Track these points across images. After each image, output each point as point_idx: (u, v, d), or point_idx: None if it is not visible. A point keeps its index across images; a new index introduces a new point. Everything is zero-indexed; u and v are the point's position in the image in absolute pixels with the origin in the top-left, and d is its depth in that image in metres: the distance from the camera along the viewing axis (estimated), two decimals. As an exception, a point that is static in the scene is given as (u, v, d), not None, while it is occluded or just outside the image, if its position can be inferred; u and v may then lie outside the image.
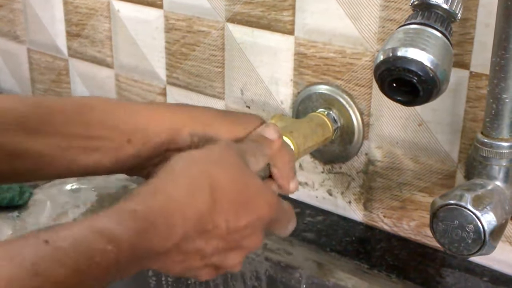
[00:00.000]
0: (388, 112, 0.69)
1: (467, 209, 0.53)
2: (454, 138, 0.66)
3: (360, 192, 0.74)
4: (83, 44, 0.98)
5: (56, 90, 1.05)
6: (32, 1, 1.03)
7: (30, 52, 1.07)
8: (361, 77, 0.70)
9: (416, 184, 0.70)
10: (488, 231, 0.53)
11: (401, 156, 0.70)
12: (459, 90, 0.64)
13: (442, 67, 0.44)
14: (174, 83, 0.87)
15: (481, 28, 0.61)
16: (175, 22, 0.84)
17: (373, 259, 0.69)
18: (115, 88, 0.95)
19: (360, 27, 0.68)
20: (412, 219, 0.71)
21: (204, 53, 0.82)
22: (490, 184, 0.57)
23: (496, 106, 0.55)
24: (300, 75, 0.74)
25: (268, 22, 0.75)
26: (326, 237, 0.73)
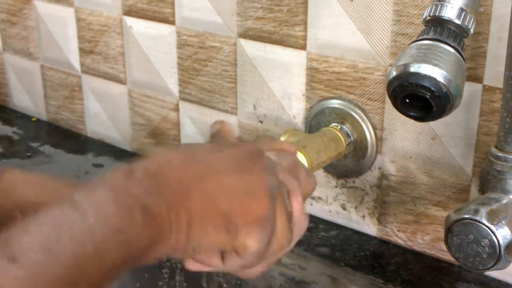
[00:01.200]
0: (401, 126, 0.69)
1: (482, 223, 0.53)
2: (468, 152, 0.66)
3: (374, 206, 0.74)
4: (96, 61, 0.98)
5: (70, 107, 1.05)
6: (45, 18, 1.04)
7: (43, 69, 1.08)
8: (374, 92, 0.70)
9: (430, 198, 0.69)
10: (504, 246, 0.52)
11: (415, 170, 0.70)
12: (472, 104, 0.64)
13: (455, 82, 0.44)
14: (187, 99, 0.88)
15: (493, 41, 0.61)
16: (187, 38, 0.85)
17: (387, 273, 0.69)
18: (128, 104, 0.96)
19: (372, 41, 0.68)
20: (427, 233, 0.71)
21: (216, 69, 0.83)
22: (504, 198, 0.56)
23: (510, 120, 0.55)
24: (312, 90, 0.74)
25: (280, 37, 0.75)
26: (340, 252, 0.72)
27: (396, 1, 0.65)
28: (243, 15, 0.78)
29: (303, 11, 0.72)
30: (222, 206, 0.42)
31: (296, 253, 0.72)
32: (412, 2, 0.65)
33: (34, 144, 1.02)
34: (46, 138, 1.05)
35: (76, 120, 1.06)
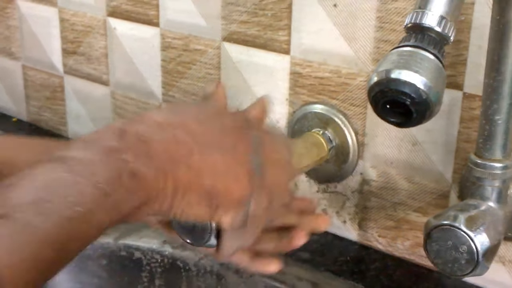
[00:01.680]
0: (383, 132, 0.69)
1: (461, 229, 0.53)
2: (448, 159, 0.66)
3: (355, 211, 0.74)
4: (78, 62, 0.98)
5: (51, 108, 1.05)
6: (28, 18, 1.03)
7: (25, 69, 1.07)
8: (356, 97, 0.70)
9: (410, 204, 0.70)
10: (481, 252, 0.53)
11: (396, 176, 0.70)
12: (453, 111, 0.64)
13: (435, 89, 0.45)
14: (170, 101, 0.88)
15: (474, 49, 0.62)
16: (171, 41, 0.85)
17: (367, 279, 0.69)
18: (111, 106, 0.96)
19: (355, 47, 0.69)
20: (407, 239, 0.71)
21: (200, 72, 0.83)
22: (483, 205, 0.57)
23: (489, 128, 0.56)
24: (295, 95, 0.75)
25: (264, 41, 0.75)
26: (320, 257, 0.73)
27: (379, 8, 0.66)
28: (228, 18, 0.78)
29: (287, 16, 0.73)
30: (206, 183, 0.44)
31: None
32: (394, 10, 0.65)
33: (15, 145, 1.01)
34: (27, 138, 1.04)
35: (57, 121, 1.05)
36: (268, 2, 0.74)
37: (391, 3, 0.65)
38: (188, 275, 0.72)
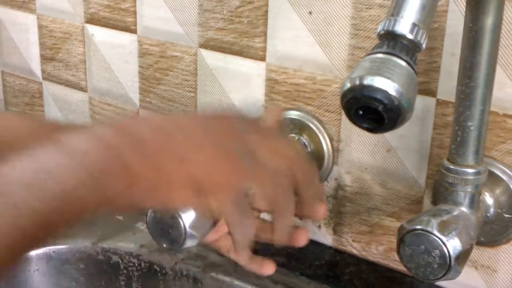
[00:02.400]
0: (357, 138, 0.70)
1: (433, 234, 0.54)
2: (421, 164, 0.67)
3: (330, 216, 0.75)
4: (57, 68, 0.98)
5: (30, 113, 1.05)
6: (6, 24, 1.03)
7: (4, 74, 1.07)
8: (331, 103, 0.71)
9: (384, 209, 0.71)
10: (454, 256, 0.54)
11: (370, 181, 0.71)
12: (426, 118, 0.65)
13: (407, 95, 0.45)
14: (147, 107, 0.88)
15: (447, 57, 0.63)
16: (148, 47, 0.85)
17: (342, 283, 0.69)
18: (88, 112, 0.96)
19: (330, 54, 0.69)
20: (381, 244, 0.72)
21: (177, 78, 0.83)
22: (456, 210, 0.58)
23: (461, 134, 0.57)
24: (271, 101, 0.75)
25: (240, 48, 0.76)
26: (296, 261, 0.73)
27: (353, 16, 0.67)
28: (204, 25, 0.78)
29: (263, 23, 0.73)
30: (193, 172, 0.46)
31: (253, 262, 0.72)
32: (369, 17, 0.66)
33: (-8, 150, 1.01)
34: (4, 144, 1.04)
35: (35, 127, 1.05)
36: (244, 10, 0.74)
37: (366, 11, 0.66)
38: (165, 279, 0.72)
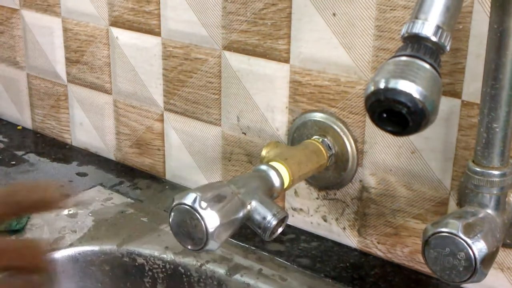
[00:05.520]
0: (382, 139, 0.70)
1: (459, 237, 0.54)
2: (446, 166, 0.67)
3: (355, 218, 0.75)
4: (82, 70, 0.99)
5: (55, 116, 1.06)
6: (32, 27, 1.04)
7: (29, 77, 1.08)
8: (355, 105, 0.71)
9: (409, 211, 0.70)
10: (479, 259, 0.53)
11: (395, 183, 0.71)
12: (451, 119, 0.65)
13: (431, 98, 0.45)
14: (172, 110, 0.88)
15: (472, 58, 0.62)
16: (172, 50, 0.85)
17: (367, 285, 0.69)
18: (113, 114, 0.96)
19: (354, 56, 0.69)
20: (406, 246, 0.72)
21: (201, 80, 0.84)
22: (481, 212, 0.57)
23: (487, 135, 0.56)
24: (295, 103, 0.75)
25: (264, 50, 0.76)
26: (320, 263, 0.73)
27: (377, 17, 0.67)
28: (228, 28, 0.79)
29: (287, 25, 0.73)
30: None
31: (277, 263, 0.72)
32: (393, 18, 0.66)
33: (19, 153, 1.02)
34: (31, 146, 1.05)
35: (61, 129, 1.06)
36: (267, 12, 0.74)
37: (390, 12, 0.66)
38: (190, 281, 0.73)
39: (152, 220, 0.81)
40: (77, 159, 1.00)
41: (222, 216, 0.55)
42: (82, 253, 0.75)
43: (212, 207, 0.55)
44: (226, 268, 0.71)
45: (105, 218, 0.81)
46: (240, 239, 0.77)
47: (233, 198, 0.57)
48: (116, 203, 0.85)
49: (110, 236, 0.77)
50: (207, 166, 0.87)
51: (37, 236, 0.77)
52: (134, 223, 0.80)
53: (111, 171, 0.96)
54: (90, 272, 0.76)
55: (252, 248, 0.76)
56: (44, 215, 0.82)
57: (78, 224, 0.80)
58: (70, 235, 0.77)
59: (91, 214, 0.82)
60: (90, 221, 0.80)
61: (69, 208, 0.83)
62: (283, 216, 0.58)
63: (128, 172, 0.96)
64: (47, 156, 1.01)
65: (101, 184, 0.91)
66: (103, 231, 0.78)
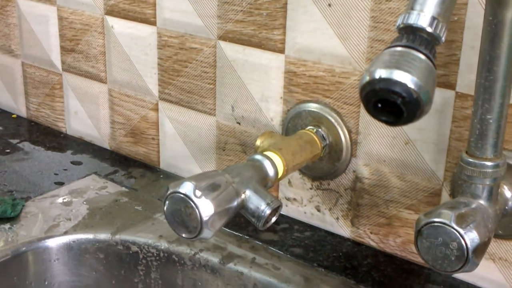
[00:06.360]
0: (376, 130, 0.70)
1: (451, 227, 0.54)
2: (440, 157, 0.67)
3: (348, 208, 0.75)
4: (77, 59, 0.99)
5: (50, 104, 1.06)
6: (27, 16, 1.04)
7: (24, 66, 1.08)
8: (350, 96, 0.71)
9: (402, 202, 0.71)
10: (471, 249, 0.54)
11: (388, 174, 0.71)
12: (445, 110, 0.65)
13: (426, 88, 0.45)
14: (166, 99, 0.88)
15: (467, 49, 0.63)
16: (167, 39, 0.85)
17: (359, 274, 0.70)
18: (108, 103, 0.96)
19: (349, 47, 0.70)
20: (398, 236, 0.72)
21: (196, 70, 0.84)
22: (474, 203, 0.58)
23: (480, 127, 0.57)
24: (290, 93, 0.76)
25: (259, 40, 0.76)
26: (313, 253, 0.74)
27: (373, 8, 0.67)
28: (223, 17, 0.79)
29: (282, 15, 0.73)
30: None
31: (270, 253, 0.73)
32: (388, 9, 0.66)
33: (14, 141, 1.02)
34: (25, 134, 1.05)
35: (56, 118, 1.06)
36: (263, 2, 0.75)
37: (385, 3, 0.66)
38: (183, 269, 0.73)
39: (146, 208, 0.82)
40: (72, 147, 1.00)
41: (217, 205, 0.55)
42: (77, 241, 0.75)
43: (206, 196, 0.55)
44: (220, 257, 0.72)
45: (99, 207, 0.81)
46: (234, 228, 0.77)
47: (228, 187, 0.58)
48: (110, 191, 0.86)
49: (104, 224, 0.77)
50: (202, 156, 0.87)
51: (32, 223, 0.77)
52: (129, 212, 0.81)
53: (106, 160, 0.96)
54: (84, 260, 0.76)
55: (245, 237, 0.76)
56: (39, 203, 0.82)
57: (72, 212, 0.80)
58: (64, 223, 0.77)
59: (85, 202, 0.82)
60: (84, 209, 0.81)
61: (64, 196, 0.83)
62: (277, 205, 0.59)
63: (123, 161, 0.96)
64: (41, 145, 1.01)
65: (96, 172, 0.91)
66: (97, 219, 0.78)
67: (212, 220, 0.55)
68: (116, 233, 0.76)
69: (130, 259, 0.75)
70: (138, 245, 0.75)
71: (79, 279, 0.76)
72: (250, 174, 0.61)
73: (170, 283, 0.74)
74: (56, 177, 0.90)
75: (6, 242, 0.73)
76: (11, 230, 0.75)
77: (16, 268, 0.73)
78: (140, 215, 0.80)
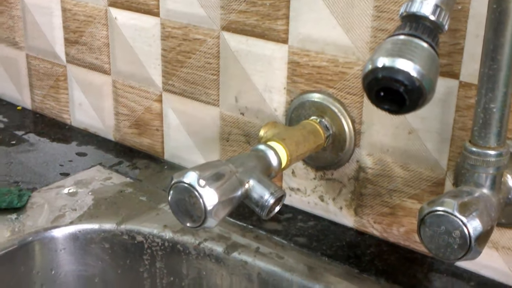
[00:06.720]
0: (379, 120, 0.70)
1: (454, 215, 0.54)
2: (443, 146, 0.67)
3: (351, 198, 0.75)
4: (81, 51, 0.99)
5: (55, 96, 1.06)
6: (31, 8, 1.04)
7: (29, 58, 1.08)
8: (353, 86, 0.71)
9: (406, 191, 0.71)
10: (474, 237, 0.54)
11: (392, 164, 0.71)
12: (448, 100, 0.65)
13: (428, 76, 0.46)
14: (170, 90, 0.89)
15: (471, 38, 0.63)
16: (171, 30, 0.86)
17: (363, 263, 0.70)
18: (112, 94, 0.97)
19: (352, 36, 0.70)
20: (402, 225, 0.72)
21: (199, 61, 0.84)
22: (477, 192, 0.58)
23: (484, 116, 0.57)
24: (293, 83, 0.76)
25: (263, 31, 0.76)
26: (317, 242, 0.74)
27: (376, -2, 0.67)
28: (227, 8, 0.79)
29: (286, 5, 0.74)
30: None
31: (274, 242, 0.73)
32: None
33: (19, 132, 1.03)
34: (31, 126, 1.06)
35: (60, 110, 1.07)
36: (267, -8, 0.75)
37: (388, -7, 0.66)
38: (188, 259, 0.73)
39: (151, 199, 0.82)
40: (77, 139, 1.01)
41: (221, 194, 0.56)
42: (83, 231, 0.76)
43: (210, 185, 0.55)
44: (224, 246, 0.72)
45: (104, 197, 0.82)
46: (238, 218, 0.78)
47: (232, 177, 0.58)
48: (115, 182, 0.86)
49: (109, 214, 0.78)
50: (206, 147, 0.87)
51: (38, 213, 0.78)
52: (133, 202, 0.81)
53: (110, 151, 0.96)
54: (90, 250, 0.76)
55: (249, 227, 0.76)
56: (45, 194, 0.82)
57: (78, 203, 0.80)
58: (70, 213, 0.78)
59: (91, 193, 0.83)
60: (90, 200, 0.81)
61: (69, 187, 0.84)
62: (281, 194, 0.59)
63: (127, 152, 0.96)
64: (47, 136, 1.01)
65: (101, 163, 0.92)
66: (102, 210, 0.79)
67: (216, 209, 0.55)
68: (121, 223, 0.76)
69: (135, 248, 0.76)
70: (143, 235, 0.75)
71: (85, 269, 0.77)
72: (253, 164, 0.61)
73: (175, 272, 0.75)
74: (62, 168, 0.90)
75: (13, 232, 0.74)
76: (18, 221, 0.76)
77: (23, 257, 0.73)
78: (145, 205, 0.80)
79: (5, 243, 0.72)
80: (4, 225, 0.75)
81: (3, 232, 0.74)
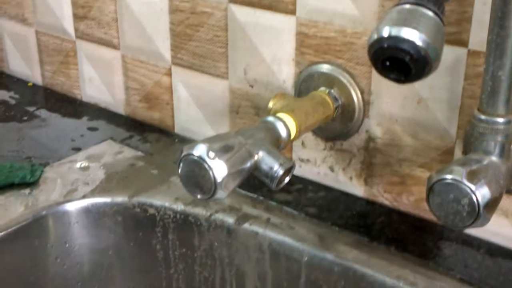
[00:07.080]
0: (388, 90, 0.70)
1: (462, 183, 0.54)
2: (452, 115, 0.67)
3: (361, 168, 0.76)
4: (89, 26, 0.99)
5: (65, 72, 1.07)
6: (39, -17, 1.04)
7: (38, 34, 1.09)
8: (362, 56, 0.71)
9: (415, 160, 0.71)
10: (482, 204, 0.54)
11: (401, 133, 0.71)
12: (457, 68, 0.65)
13: (434, 45, 0.46)
14: (179, 64, 0.89)
15: (479, 6, 0.62)
16: (179, 4, 0.86)
17: (373, 232, 0.71)
18: (121, 69, 0.97)
19: (360, 6, 0.69)
20: (411, 194, 0.73)
21: (208, 34, 0.84)
22: (485, 159, 0.58)
23: (492, 83, 0.57)
24: (301, 55, 0.76)
25: (270, 2, 0.76)
26: (327, 212, 0.74)
27: (383, -33, 0.67)
28: (234, -20, 0.79)
29: (293, -24, 0.73)
30: None
31: (285, 213, 0.74)
32: (398, -32, 0.66)
33: (31, 108, 1.03)
34: (42, 102, 1.06)
35: (71, 85, 1.07)
36: (274, -37, 0.74)
37: (395, -38, 0.66)
38: (200, 230, 0.74)
39: (162, 172, 0.83)
40: (88, 114, 1.01)
41: (230, 166, 0.56)
42: (95, 205, 0.77)
43: (220, 157, 0.56)
44: (235, 218, 0.73)
45: (116, 171, 0.83)
46: (248, 189, 0.78)
47: (241, 149, 0.58)
48: (126, 156, 0.87)
49: (121, 188, 0.79)
50: (215, 119, 0.88)
51: (51, 188, 0.79)
52: (145, 175, 0.82)
53: (121, 126, 0.97)
54: (103, 223, 0.77)
55: (260, 198, 0.77)
56: (58, 168, 0.83)
57: (90, 177, 0.81)
58: (82, 187, 0.79)
59: (102, 167, 0.84)
60: (102, 174, 0.82)
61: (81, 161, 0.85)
62: (290, 165, 0.60)
63: (138, 126, 0.97)
64: (58, 112, 1.02)
65: (112, 138, 0.93)
66: (114, 183, 0.80)
67: (226, 181, 0.56)
68: (133, 196, 0.77)
69: (147, 221, 0.77)
70: (155, 207, 0.76)
71: (99, 241, 0.78)
72: (263, 136, 0.61)
73: (187, 244, 0.76)
74: (73, 143, 0.91)
75: (26, 206, 0.75)
76: (31, 195, 0.77)
77: (37, 231, 0.74)
78: (156, 178, 0.81)
79: (19, 218, 0.73)
80: (18, 200, 0.76)
81: (17, 207, 0.75)
